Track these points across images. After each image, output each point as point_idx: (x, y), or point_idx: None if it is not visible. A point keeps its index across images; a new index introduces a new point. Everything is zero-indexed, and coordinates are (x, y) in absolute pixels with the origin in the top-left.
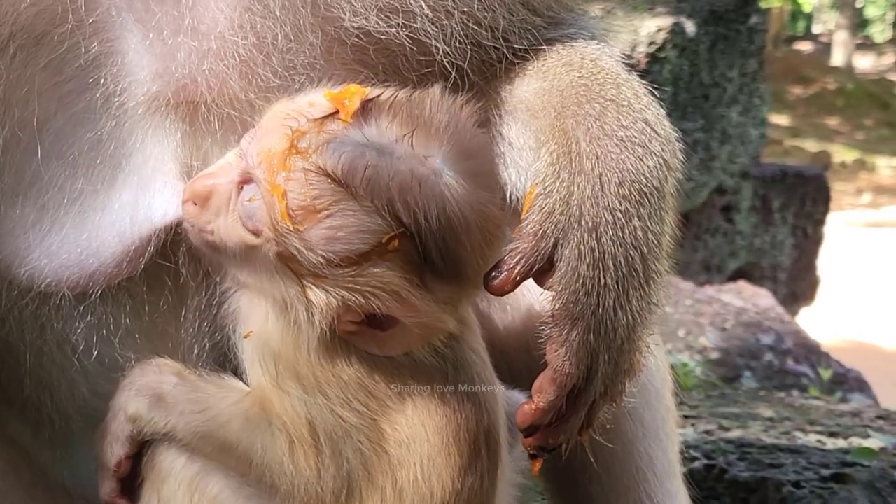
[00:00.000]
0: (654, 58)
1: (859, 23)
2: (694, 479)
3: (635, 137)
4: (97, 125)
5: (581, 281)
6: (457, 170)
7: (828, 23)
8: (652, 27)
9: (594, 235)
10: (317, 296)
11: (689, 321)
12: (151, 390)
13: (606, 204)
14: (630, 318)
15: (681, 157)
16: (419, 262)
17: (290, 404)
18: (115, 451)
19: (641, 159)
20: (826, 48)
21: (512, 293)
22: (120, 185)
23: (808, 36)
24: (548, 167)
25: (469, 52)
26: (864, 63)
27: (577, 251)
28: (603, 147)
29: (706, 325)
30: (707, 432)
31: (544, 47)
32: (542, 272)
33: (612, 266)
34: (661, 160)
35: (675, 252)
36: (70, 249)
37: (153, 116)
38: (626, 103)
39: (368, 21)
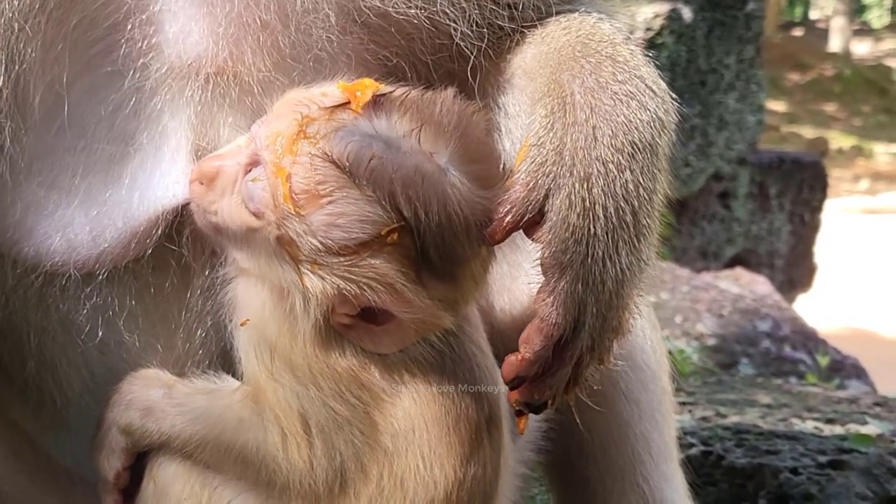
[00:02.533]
0: (651, 44)
1: (857, 8)
2: (691, 466)
3: (631, 92)
4: (120, 89)
5: (571, 230)
6: (462, 171)
7: (825, 8)
8: (649, 13)
9: (585, 186)
10: (313, 283)
11: (685, 308)
12: (140, 403)
13: (599, 155)
14: (619, 270)
15: (675, 117)
16: (416, 258)
17: (283, 396)
18: (113, 463)
19: (636, 113)
20: (823, 34)
21: (510, 275)
22: (132, 162)
23: (805, 22)
24: (542, 119)
25: (486, 34)
26: (862, 49)
27: (567, 201)
28: (597, 99)
29: (703, 312)
30: (704, 419)
31: (548, 19)
32: (532, 223)
33: (602, 217)
34: (655, 116)
35: (672, 238)
36: (79, 227)
37: (173, 82)
38: (621, 60)
39: (388, 3)
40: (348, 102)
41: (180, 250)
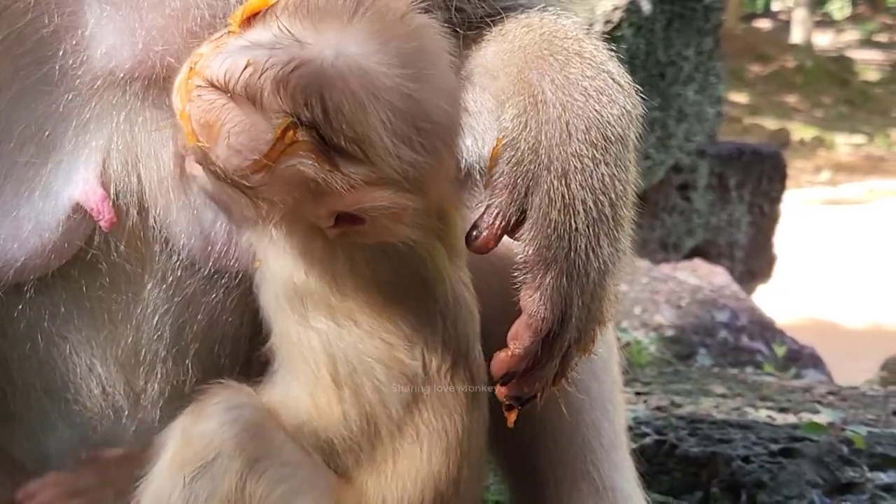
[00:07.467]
0: (610, 37)
1: (818, 0)
2: (644, 455)
3: (600, 87)
4: (48, 98)
5: (552, 226)
6: (345, 51)
7: (787, 0)
8: (608, 6)
9: (564, 181)
10: (265, 204)
11: (644, 299)
12: None
13: (574, 150)
14: (601, 262)
15: (641, 109)
16: (324, 147)
17: (316, 341)
18: None
19: (606, 108)
20: (785, 25)
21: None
22: (49, 169)
23: (767, 13)
24: (514, 119)
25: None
26: (823, 40)
27: (547, 197)
28: (568, 95)
29: (662, 303)
30: (659, 408)
31: (501, 16)
32: (515, 223)
33: (582, 211)
34: (624, 109)
35: (633, 230)
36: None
37: (104, 93)
38: (588, 56)
39: None
40: (230, 28)
41: (104, 254)
